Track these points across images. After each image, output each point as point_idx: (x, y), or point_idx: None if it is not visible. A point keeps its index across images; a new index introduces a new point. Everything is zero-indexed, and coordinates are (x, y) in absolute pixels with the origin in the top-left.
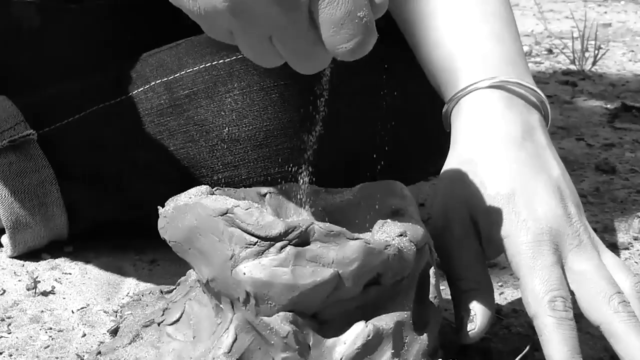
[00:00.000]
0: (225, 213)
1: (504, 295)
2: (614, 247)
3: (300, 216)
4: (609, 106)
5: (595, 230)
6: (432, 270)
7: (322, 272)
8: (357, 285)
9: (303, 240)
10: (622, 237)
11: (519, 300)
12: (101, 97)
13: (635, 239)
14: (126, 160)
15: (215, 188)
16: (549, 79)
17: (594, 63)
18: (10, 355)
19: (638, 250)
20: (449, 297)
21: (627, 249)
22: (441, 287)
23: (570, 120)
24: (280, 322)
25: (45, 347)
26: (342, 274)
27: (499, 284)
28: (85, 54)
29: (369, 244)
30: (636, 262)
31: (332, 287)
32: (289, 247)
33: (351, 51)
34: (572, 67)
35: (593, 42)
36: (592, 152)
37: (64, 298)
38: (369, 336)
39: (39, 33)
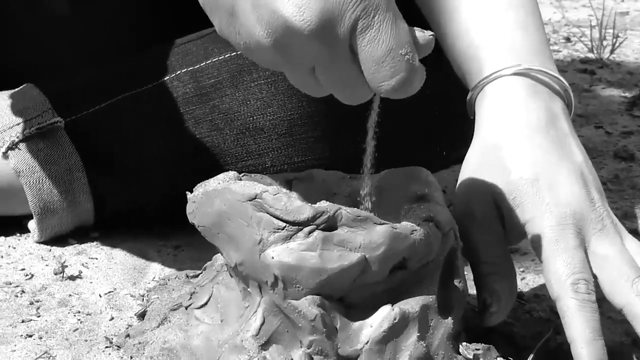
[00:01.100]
0: (254, 198)
1: (525, 281)
2: (635, 234)
3: (327, 202)
4: (627, 94)
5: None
6: (457, 255)
7: (349, 256)
8: (384, 270)
9: (330, 224)
10: None
11: (541, 285)
12: (127, 85)
13: None
14: (151, 148)
15: (243, 174)
16: (567, 67)
17: (612, 51)
18: (40, 338)
19: None
20: (472, 281)
21: None
22: (465, 272)
23: (589, 108)
24: (308, 306)
25: (74, 330)
26: (369, 258)
27: (521, 269)
28: (111, 38)
29: (396, 228)
30: None
31: (359, 271)
32: (316, 232)
33: (394, 89)
34: (590, 55)
35: (611, 31)
36: (610, 140)
37: (91, 282)
38: (395, 319)
39: (66, 19)
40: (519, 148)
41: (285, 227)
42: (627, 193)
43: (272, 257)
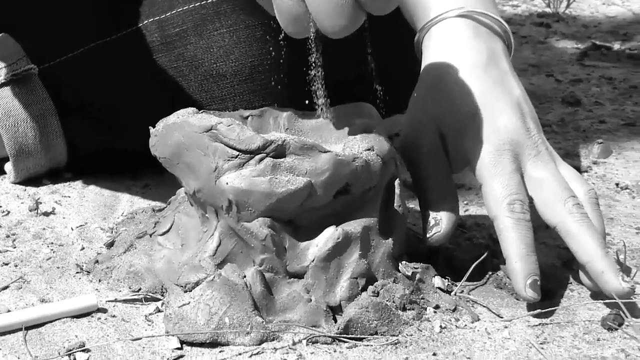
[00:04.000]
0: (210, 129)
1: (468, 212)
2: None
3: (277, 133)
4: (580, 46)
5: None
6: (397, 182)
7: (296, 181)
8: (328, 194)
9: (280, 153)
10: (582, 162)
11: (482, 216)
12: (97, 35)
13: (595, 163)
14: (121, 94)
15: (202, 110)
16: (525, 21)
17: (567, 6)
18: (16, 266)
19: (596, 172)
20: (417, 211)
21: (587, 171)
22: (409, 205)
23: (542, 58)
24: (259, 227)
25: (48, 259)
26: (314, 183)
27: (465, 202)
28: None
29: (339, 156)
30: (594, 183)
31: (305, 194)
32: (267, 159)
33: None
34: (547, 10)
35: None
36: (560, 87)
37: (63, 218)
38: (338, 239)
39: None
40: (462, 83)
41: (238, 155)
42: (570, 135)
43: (227, 183)
